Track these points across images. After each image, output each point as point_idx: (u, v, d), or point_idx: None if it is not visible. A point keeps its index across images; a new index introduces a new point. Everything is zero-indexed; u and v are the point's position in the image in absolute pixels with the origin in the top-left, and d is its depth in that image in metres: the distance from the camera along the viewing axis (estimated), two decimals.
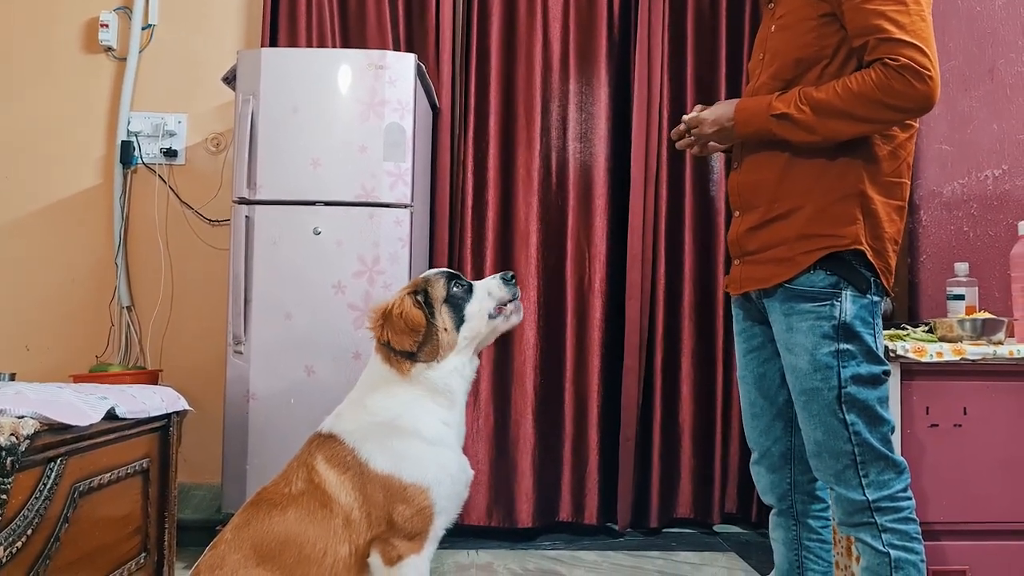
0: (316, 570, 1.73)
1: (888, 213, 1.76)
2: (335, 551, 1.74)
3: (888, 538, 1.72)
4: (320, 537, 1.74)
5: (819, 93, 1.70)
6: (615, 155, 3.62)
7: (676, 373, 3.58)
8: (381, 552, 1.75)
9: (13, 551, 1.71)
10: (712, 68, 3.66)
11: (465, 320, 1.94)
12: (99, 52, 3.68)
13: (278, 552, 1.73)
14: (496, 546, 3.29)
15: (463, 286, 1.98)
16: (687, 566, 3.09)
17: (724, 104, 1.89)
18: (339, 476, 1.79)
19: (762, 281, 1.84)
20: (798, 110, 1.71)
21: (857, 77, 1.67)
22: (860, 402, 1.72)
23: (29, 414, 1.79)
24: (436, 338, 1.90)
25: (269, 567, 1.71)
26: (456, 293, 1.96)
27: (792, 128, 1.73)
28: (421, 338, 1.87)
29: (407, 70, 3.01)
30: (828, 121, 1.69)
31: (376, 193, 2.94)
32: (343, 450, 1.82)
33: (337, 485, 1.78)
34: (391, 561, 1.74)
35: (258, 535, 1.75)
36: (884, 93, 1.64)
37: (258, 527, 1.76)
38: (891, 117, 1.69)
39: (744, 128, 1.82)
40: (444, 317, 1.92)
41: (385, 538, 1.75)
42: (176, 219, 3.64)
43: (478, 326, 1.96)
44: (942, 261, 2.95)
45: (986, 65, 2.77)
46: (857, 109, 1.66)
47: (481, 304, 1.97)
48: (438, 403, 1.89)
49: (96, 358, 3.56)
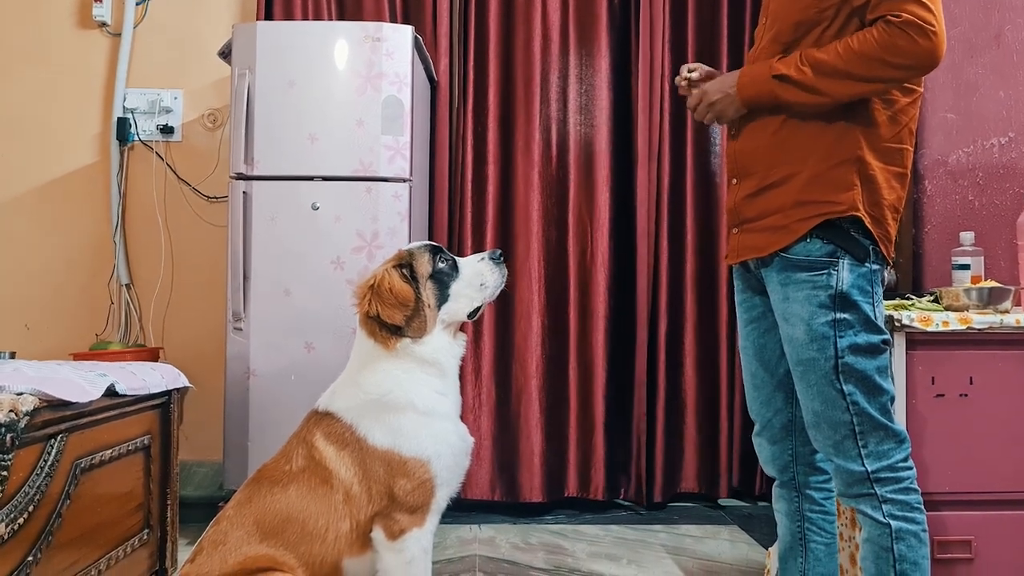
0: (319, 546, 1.72)
1: (887, 179, 1.73)
2: (337, 527, 1.74)
3: (889, 509, 1.71)
4: (322, 513, 1.74)
5: (820, 53, 1.67)
6: (616, 127, 3.58)
7: (680, 348, 3.57)
8: (383, 527, 1.75)
9: (15, 528, 1.71)
10: (714, 36, 3.61)
11: (449, 299, 1.89)
12: (93, 28, 3.64)
13: (281, 528, 1.72)
14: (499, 521, 3.30)
15: (448, 261, 1.93)
16: (690, 539, 3.10)
17: (727, 74, 1.86)
18: (338, 452, 1.78)
19: (759, 250, 1.81)
20: (798, 71, 1.68)
21: (859, 36, 1.64)
22: (858, 372, 1.70)
23: (28, 391, 1.78)
24: (423, 314, 1.86)
25: (272, 543, 1.71)
26: (442, 269, 1.91)
27: (793, 90, 1.70)
28: (411, 312, 1.83)
29: (404, 42, 2.97)
30: (829, 81, 1.66)
31: (374, 167, 2.92)
32: (341, 427, 1.81)
33: (337, 461, 1.77)
34: (393, 535, 1.74)
35: (260, 512, 1.75)
36: (887, 51, 1.61)
37: (260, 504, 1.76)
38: (895, 75, 1.66)
39: (746, 92, 1.78)
40: (428, 294, 1.87)
41: (387, 513, 1.75)
42: (174, 196, 3.62)
43: (463, 308, 1.92)
44: (947, 231, 2.92)
45: (992, 31, 2.73)
46: (859, 68, 1.63)
47: (471, 287, 1.92)
48: (428, 373, 1.86)
49: (96, 336, 3.55)
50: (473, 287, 1.93)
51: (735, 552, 2.94)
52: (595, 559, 2.85)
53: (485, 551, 2.92)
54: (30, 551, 1.78)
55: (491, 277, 1.95)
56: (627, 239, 3.55)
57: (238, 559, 1.68)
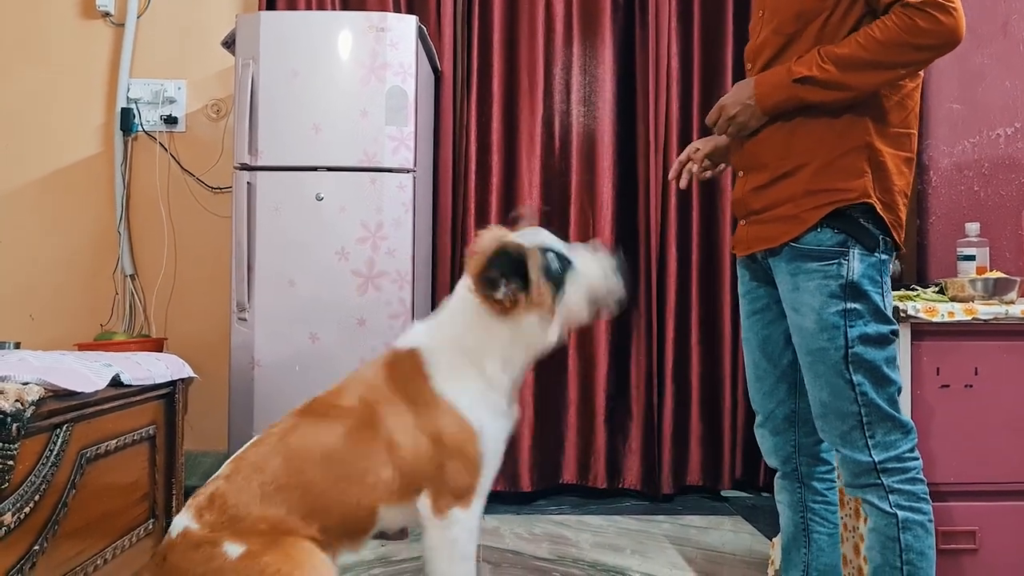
0: (356, 488, 1.67)
1: (897, 165, 1.73)
2: (376, 472, 1.68)
3: (895, 499, 1.71)
4: (362, 456, 1.69)
5: (840, 48, 1.65)
6: (620, 118, 3.57)
7: (686, 338, 3.57)
8: (432, 500, 1.70)
9: (21, 517, 1.71)
10: (719, 26, 3.59)
11: (564, 296, 1.76)
12: (97, 18, 3.64)
13: (319, 464, 1.67)
14: (503, 511, 3.30)
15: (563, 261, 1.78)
16: (693, 529, 3.10)
17: (740, 84, 1.83)
18: (393, 394, 1.73)
19: (769, 241, 1.80)
20: (821, 70, 1.66)
21: (879, 25, 1.62)
22: (867, 362, 1.70)
23: (33, 380, 1.78)
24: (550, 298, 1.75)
25: (309, 477, 1.66)
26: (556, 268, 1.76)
27: (818, 89, 1.68)
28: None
29: (408, 32, 2.96)
30: (856, 74, 1.65)
31: (378, 158, 2.91)
32: (411, 366, 1.75)
33: (389, 406, 1.72)
34: (440, 511, 1.69)
35: (302, 444, 1.70)
36: (911, 34, 1.59)
37: (303, 434, 1.71)
38: (921, 57, 1.65)
39: (767, 101, 1.75)
40: (542, 284, 1.74)
41: (437, 488, 1.69)
42: (178, 187, 3.62)
43: (580, 309, 1.79)
44: (952, 222, 2.92)
45: (999, 21, 2.72)
46: (885, 56, 1.62)
47: (585, 299, 1.80)
48: (514, 353, 1.77)
49: (101, 327, 3.55)
50: (588, 298, 1.81)
51: (739, 543, 2.94)
52: (599, 549, 2.86)
53: (489, 541, 2.93)
54: (36, 540, 1.79)
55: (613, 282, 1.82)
56: (631, 230, 3.55)
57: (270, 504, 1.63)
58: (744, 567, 2.69)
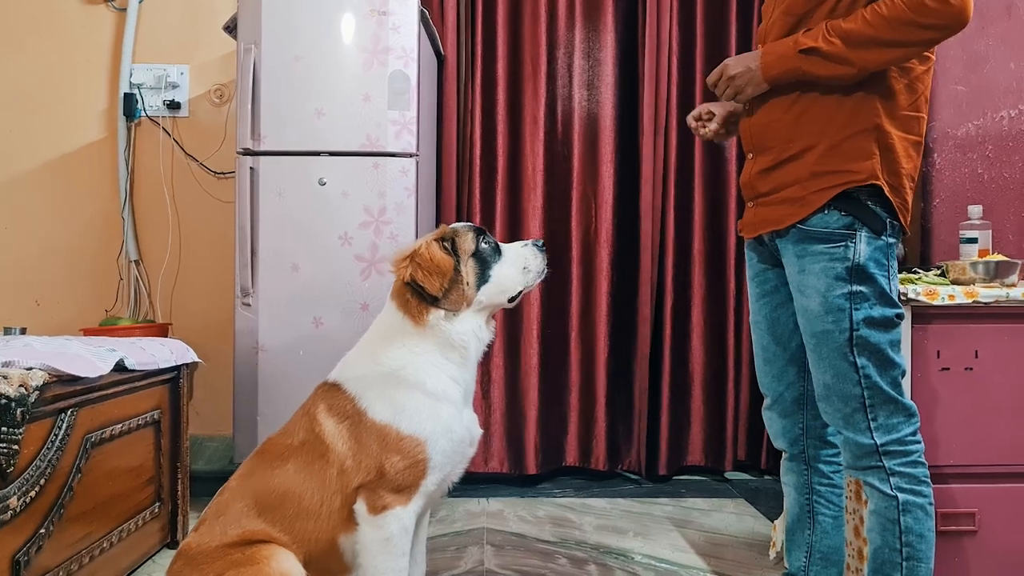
0: (314, 523, 1.72)
1: (905, 148, 1.72)
2: (330, 503, 1.72)
3: (896, 481, 1.72)
4: (317, 489, 1.73)
5: (847, 23, 1.65)
6: (622, 103, 3.57)
7: (686, 322, 3.57)
8: (367, 500, 1.71)
9: (27, 500, 1.73)
10: (723, 11, 3.58)
11: (489, 280, 1.85)
12: (99, 3, 3.63)
13: (278, 504, 1.72)
14: (507, 494, 3.32)
15: (491, 244, 1.89)
16: (696, 512, 3.12)
17: (749, 53, 1.84)
18: (337, 425, 1.76)
19: (776, 223, 1.81)
20: (827, 43, 1.66)
21: (886, 2, 1.62)
22: (872, 345, 1.70)
23: (38, 365, 1.80)
24: (461, 288, 1.81)
25: (269, 519, 1.71)
26: (485, 250, 1.86)
27: (822, 62, 1.68)
28: (448, 283, 1.79)
29: (411, 16, 2.95)
30: (860, 50, 1.64)
31: (381, 142, 2.91)
32: (344, 398, 1.79)
33: (335, 434, 1.75)
34: (375, 510, 1.70)
35: (260, 486, 1.74)
36: (917, 12, 1.59)
37: (261, 478, 1.76)
38: (926, 37, 1.64)
39: (772, 70, 1.75)
40: (468, 271, 1.83)
41: (373, 487, 1.72)
42: (181, 172, 3.62)
43: (505, 289, 1.87)
44: (956, 204, 2.90)
45: (1004, 2, 2.69)
46: (890, 34, 1.62)
47: (514, 271, 1.88)
48: (449, 358, 1.82)
49: (106, 312, 3.57)
50: (516, 269, 1.89)
51: (741, 525, 2.96)
52: (602, 531, 2.87)
53: (493, 524, 2.95)
54: (42, 523, 1.81)
55: (534, 262, 1.90)
56: (632, 212, 3.55)
57: (237, 532, 1.69)
58: (746, 549, 2.70)
